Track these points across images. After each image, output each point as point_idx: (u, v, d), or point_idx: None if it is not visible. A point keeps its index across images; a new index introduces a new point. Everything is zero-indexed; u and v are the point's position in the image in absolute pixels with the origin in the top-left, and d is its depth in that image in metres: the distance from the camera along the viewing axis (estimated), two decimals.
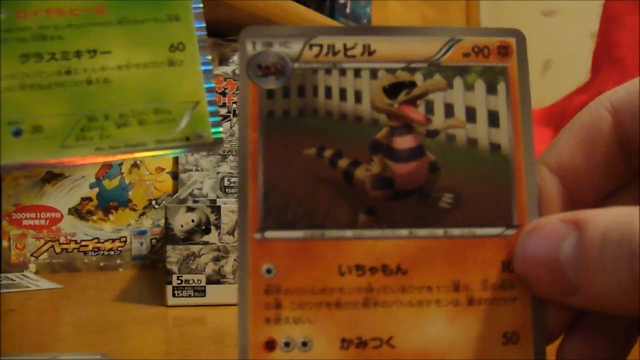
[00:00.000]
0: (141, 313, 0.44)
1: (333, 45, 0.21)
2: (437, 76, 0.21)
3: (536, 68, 1.88)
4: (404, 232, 0.20)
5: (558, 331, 0.21)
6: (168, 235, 0.44)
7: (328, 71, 0.21)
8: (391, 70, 0.21)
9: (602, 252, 0.18)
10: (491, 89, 0.21)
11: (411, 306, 0.20)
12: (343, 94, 0.21)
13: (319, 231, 0.20)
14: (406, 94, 0.21)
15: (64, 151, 0.20)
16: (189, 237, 0.44)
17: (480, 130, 0.21)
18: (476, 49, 0.21)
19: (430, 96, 0.21)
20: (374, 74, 0.21)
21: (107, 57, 0.21)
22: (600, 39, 0.67)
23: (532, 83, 0.21)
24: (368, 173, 0.21)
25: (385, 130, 0.21)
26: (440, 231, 0.20)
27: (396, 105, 0.21)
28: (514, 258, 0.20)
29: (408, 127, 0.21)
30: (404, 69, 0.21)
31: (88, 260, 0.58)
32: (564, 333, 0.21)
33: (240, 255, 0.20)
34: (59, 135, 0.20)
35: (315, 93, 0.21)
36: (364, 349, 0.20)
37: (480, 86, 0.21)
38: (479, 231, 0.20)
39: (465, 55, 0.21)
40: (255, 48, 0.21)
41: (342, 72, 0.21)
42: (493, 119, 0.21)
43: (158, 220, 0.60)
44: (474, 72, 0.21)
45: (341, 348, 0.20)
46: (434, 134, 0.21)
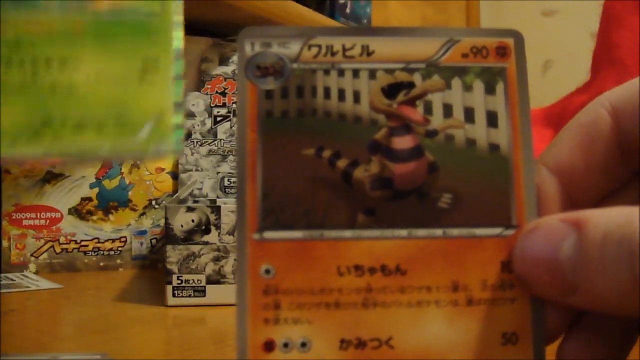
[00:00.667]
0: (141, 313, 0.44)
1: (332, 46, 0.21)
2: (436, 77, 0.21)
3: (536, 68, 1.88)
4: (403, 233, 0.20)
5: (558, 331, 0.21)
6: (168, 235, 0.44)
7: (327, 72, 0.21)
8: (390, 71, 0.21)
9: (602, 252, 0.18)
10: (490, 90, 0.21)
11: (410, 306, 0.20)
12: (342, 95, 0.21)
13: (318, 231, 0.20)
14: (405, 95, 0.21)
15: (13, 150, 0.20)
16: (189, 237, 0.45)
17: (479, 130, 0.21)
18: (474, 50, 0.21)
19: (429, 96, 0.21)
20: (373, 74, 0.21)
21: (77, 67, 0.21)
22: (600, 39, 0.67)
23: (532, 83, 0.21)
24: (367, 173, 0.21)
25: (384, 131, 0.21)
26: (439, 231, 0.20)
27: (395, 106, 0.21)
28: (513, 258, 0.20)
29: (407, 128, 0.21)
30: (402, 69, 0.21)
31: (88, 260, 0.58)
32: (564, 333, 0.21)
33: (239, 256, 0.20)
34: (11, 134, 0.20)
35: (314, 93, 0.21)
36: (363, 349, 0.20)
37: (478, 87, 0.21)
38: (478, 231, 0.20)
39: (464, 55, 0.21)
40: (253, 49, 0.21)
41: (341, 73, 0.21)
42: (492, 120, 0.21)
43: (158, 220, 0.60)
44: (472, 73, 0.21)
45: (340, 349, 0.20)
46: (432, 134, 0.21)
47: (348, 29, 0.21)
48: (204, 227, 0.45)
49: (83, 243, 0.58)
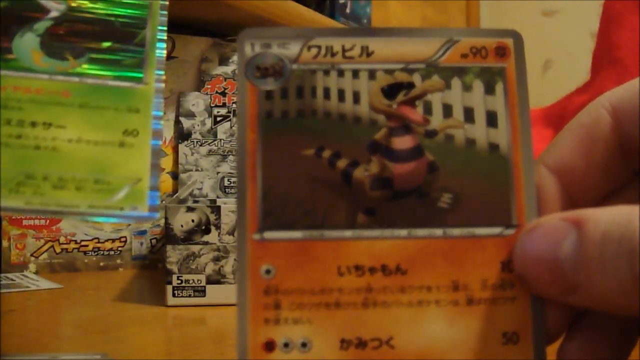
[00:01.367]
0: (141, 313, 0.44)
1: (331, 47, 0.21)
2: (435, 77, 0.21)
3: (536, 68, 1.88)
4: (403, 232, 0.20)
5: (558, 331, 0.21)
6: (168, 235, 0.44)
7: (326, 72, 0.21)
8: (389, 71, 0.21)
9: (602, 251, 0.18)
10: (489, 90, 0.21)
11: (411, 306, 0.20)
12: (341, 95, 0.21)
13: (318, 231, 0.20)
14: (404, 95, 0.21)
15: None
16: (189, 237, 0.45)
17: (478, 130, 0.21)
18: (474, 50, 0.21)
19: (429, 97, 0.21)
20: (372, 74, 0.21)
21: (61, 131, 0.23)
22: (600, 39, 0.67)
23: (532, 83, 0.21)
24: (367, 173, 0.21)
25: (383, 131, 0.21)
26: (439, 231, 0.20)
27: (395, 106, 0.21)
28: (513, 257, 0.20)
29: (406, 128, 0.21)
30: (402, 69, 0.21)
31: (88, 260, 0.58)
32: (565, 333, 0.21)
33: (239, 256, 0.20)
34: None
35: (314, 94, 0.21)
36: (363, 349, 0.20)
37: (478, 87, 0.21)
38: (478, 231, 0.20)
39: (463, 56, 0.21)
40: (253, 49, 0.21)
41: (341, 73, 0.21)
42: (491, 119, 0.21)
43: (158, 220, 0.60)
44: (471, 73, 0.21)
45: (341, 348, 0.20)
46: (432, 134, 0.21)
47: (347, 30, 0.21)
48: (204, 227, 0.45)
49: (83, 243, 0.58)
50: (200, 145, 0.61)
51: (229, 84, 0.62)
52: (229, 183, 0.61)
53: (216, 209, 0.45)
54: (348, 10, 0.88)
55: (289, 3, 0.64)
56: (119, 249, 0.59)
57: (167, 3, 0.25)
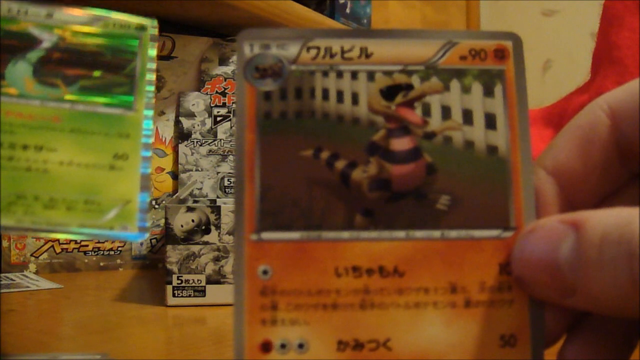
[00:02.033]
0: (141, 313, 0.44)
1: (330, 48, 0.21)
2: (434, 79, 0.21)
3: (536, 68, 1.88)
4: (401, 234, 0.20)
5: (557, 334, 0.21)
6: (168, 235, 0.44)
7: (325, 73, 0.21)
8: (388, 73, 0.21)
9: (601, 253, 0.18)
10: (488, 92, 0.21)
11: (408, 308, 0.20)
12: (340, 96, 0.21)
13: (316, 232, 0.20)
14: (403, 96, 0.21)
15: None
16: (189, 237, 0.45)
17: (477, 132, 0.21)
18: (473, 52, 0.21)
19: (427, 98, 0.21)
20: (371, 76, 0.21)
21: (52, 154, 0.23)
22: (600, 39, 0.66)
23: (532, 83, 0.21)
24: (365, 175, 0.21)
25: (382, 132, 0.21)
26: (437, 233, 0.20)
27: (393, 107, 0.21)
28: (512, 259, 0.20)
29: (405, 129, 0.21)
30: (401, 71, 0.21)
31: (88, 260, 0.58)
32: (566, 336, 0.21)
33: (237, 257, 0.20)
34: None
35: (313, 95, 0.21)
36: (360, 351, 0.20)
37: (477, 89, 0.21)
38: (476, 233, 0.20)
39: (462, 58, 0.21)
40: (252, 50, 0.21)
41: (339, 75, 0.21)
42: (490, 122, 0.21)
43: (158, 220, 0.61)
44: (470, 75, 0.21)
45: (338, 350, 0.20)
46: (431, 136, 0.21)
47: (347, 31, 0.21)
48: (204, 227, 0.45)
49: (83, 243, 0.58)
50: (200, 145, 0.61)
51: (229, 84, 0.62)
52: (229, 183, 0.61)
53: (216, 209, 0.45)
54: (348, 10, 0.88)
55: (289, 3, 0.64)
56: (119, 249, 0.59)
57: (157, 34, 0.26)
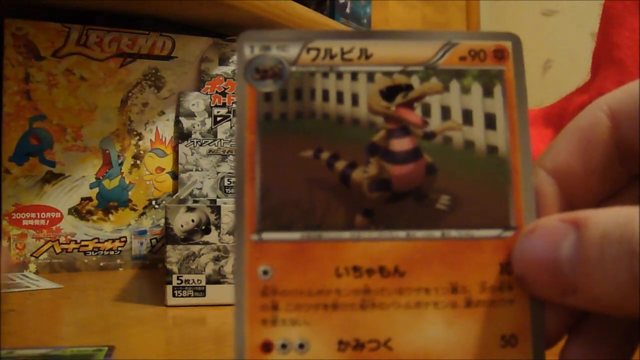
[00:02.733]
0: (141, 313, 0.44)
1: (330, 49, 0.21)
2: (434, 79, 0.21)
3: (536, 68, 1.88)
4: (401, 234, 0.20)
5: (558, 334, 0.21)
6: (168, 235, 0.44)
7: (325, 74, 0.21)
8: (388, 74, 0.21)
9: (602, 252, 0.18)
10: (487, 92, 0.21)
11: (408, 308, 0.20)
12: (340, 97, 0.21)
13: (316, 232, 0.20)
14: (403, 97, 0.21)
15: None
16: (189, 237, 0.45)
17: (477, 132, 0.21)
18: (472, 53, 0.21)
19: (427, 99, 0.21)
20: (371, 77, 0.21)
21: None
22: (600, 39, 0.66)
23: (532, 83, 0.21)
24: (365, 175, 0.21)
25: (382, 133, 0.21)
26: (437, 233, 0.20)
27: (393, 108, 0.21)
28: (512, 258, 0.20)
29: (405, 130, 0.21)
30: (400, 72, 0.21)
31: (88, 260, 0.58)
32: (567, 336, 0.21)
33: (237, 257, 0.20)
34: None
35: (313, 96, 0.21)
36: (361, 351, 0.20)
37: (476, 89, 0.21)
38: (477, 233, 0.20)
39: (462, 58, 0.21)
40: (253, 52, 0.21)
41: (339, 76, 0.21)
42: (490, 122, 0.21)
43: (158, 220, 0.61)
44: (470, 76, 0.21)
45: (338, 350, 0.20)
46: (430, 136, 0.21)
47: (346, 33, 0.21)
48: (204, 227, 0.45)
49: (83, 243, 0.58)
50: (200, 145, 0.61)
51: (229, 84, 0.62)
52: (229, 183, 0.61)
53: (216, 209, 0.45)
54: (348, 10, 0.88)
55: (289, 3, 0.64)
56: (119, 249, 0.59)
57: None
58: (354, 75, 0.21)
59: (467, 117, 0.21)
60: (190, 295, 0.45)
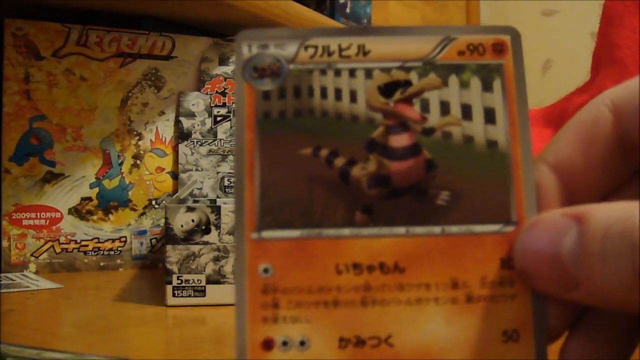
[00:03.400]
0: (141, 313, 0.44)
1: (328, 46, 0.21)
2: (432, 75, 0.21)
3: (536, 68, 1.88)
4: (401, 230, 0.20)
5: (559, 330, 0.21)
6: (168, 235, 0.44)
7: (323, 72, 0.21)
8: (386, 70, 0.21)
9: (604, 246, 0.18)
10: (487, 86, 0.21)
11: (409, 304, 0.20)
12: (338, 94, 0.21)
13: (316, 230, 0.20)
14: (401, 93, 0.21)
15: None
16: (189, 237, 0.45)
17: (476, 127, 0.21)
18: (471, 47, 0.21)
19: (426, 94, 0.21)
20: (369, 73, 0.21)
21: None
22: (600, 39, 0.66)
23: (532, 83, 0.21)
24: (364, 172, 0.21)
25: (381, 129, 0.21)
26: (437, 229, 0.20)
27: (392, 104, 0.21)
28: (514, 253, 0.20)
29: (404, 126, 0.21)
30: (398, 68, 0.21)
31: (88, 260, 0.58)
32: (567, 333, 0.21)
33: (238, 255, 0.20)
34: None
35: (311, 93, 0.21)
36: (362, 348, 0.20)
37: (475, 84, 0.21)
38: (477, 228, 0.20)
39: (460, 53, 0.21)
40: (251, 50, 0.21)
41: (337, 73, 0.21)
42: (489, 116, 0.21)
43: (158, 220, 0.60)
44: (469, 70, 0.21)
45: (339, 347, 0.20)
46: (429, 132, 0.21)
47: (344, 29, 0.21)
48: (204, 227, 0.45)
49: (83, 243, 0.58)
50: (200, 145, 0.61)
51: (229, 84, 0.62)
52: (229, 183, 0.61)
53: (216, 209, 0.45)
54: (348, 10, 0.88)
55: (289, 3, 0.64)
56: (119, 249, 0.59)
57: None
58: (352, 72, 0.21)
59: (467, 112, 0.21)
60: (190, 295, 0.45)
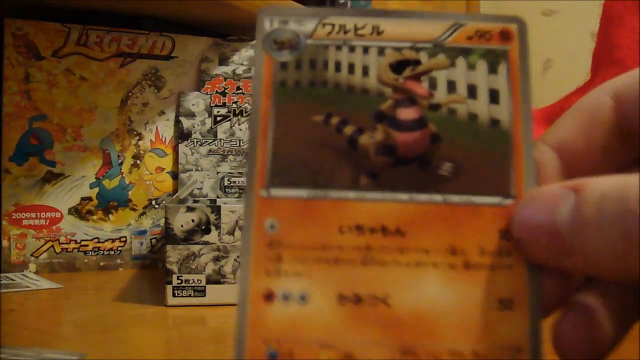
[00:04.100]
0: (141, 313, 0.43)
1: (344, 25, 0.22)
2: (441, 56, 0.22)
3: (536, 68, 1.88)
4: (404, 196, 0.21)
5: (555, 302, 0.21)
6: (168, 235, 0.44)
7: (338, 47, 0.22)
8: (398, 49, 0.22)
9: (599, 213, 0.18)
10: (492, 69, 0.22)
11: (408, 267, 0.20)
12: (351, 68, 0.22)
13: (322, 191, 0.21)
14: (411, 70, 0.22)
15: None
16: (189, 237, 0.44)
17: (480, 105, 0.22)
18: (479, 33, 0.22)
19: (434, 73, 0.22)
20: (382, 51, 0.22)
21: None
22: (600, 39, 0.67)
23: (532, 83, 0.22)
24: (372, 140, 0.21)
25: (389, 102, 0.22)
26: (439, 197, 0.21)
27: (401, 80, 0.22)
28: (512, 222, 0.20)
29: (411, 100, 0.22)
30: (410, 48, 0.22)
31: (88, 260, 0.58)
32: (561, 309, 0.21)
33: (246, 210, 0.21)
34: None
35: (326, 66, 0.22)
36: (360, 305, 0.20)
37: (482, 66, 0.22)
38: (477, 199, 0.21)
39: (469, 38, 0.22)
40: (272, 25, 0.22)
41: (352, 49, 0.22)
42: (493, 97, 0.22)
43: (158, 220, 0.60)
44: (476, 54, 0.22)
45: (338, 304, 0.20)
46: (436, 107, 0.22)
47: (360, 11, 0.23)
48: (204, 227, 0.45)
49: (83, 243, 0.58)
50: (200, 145, 0.61)
51: (229, 84, 0.62)
52: (229, 183, 0.61)
53: (216, 209, 0.45)
54: None
55: (289, 3, 0.64)
56: (119, 248, 0.59)
57: None
58: (366, 49, 0.22)
59: (472, 92, 0.22)
60: (190, 295, 0.44)
